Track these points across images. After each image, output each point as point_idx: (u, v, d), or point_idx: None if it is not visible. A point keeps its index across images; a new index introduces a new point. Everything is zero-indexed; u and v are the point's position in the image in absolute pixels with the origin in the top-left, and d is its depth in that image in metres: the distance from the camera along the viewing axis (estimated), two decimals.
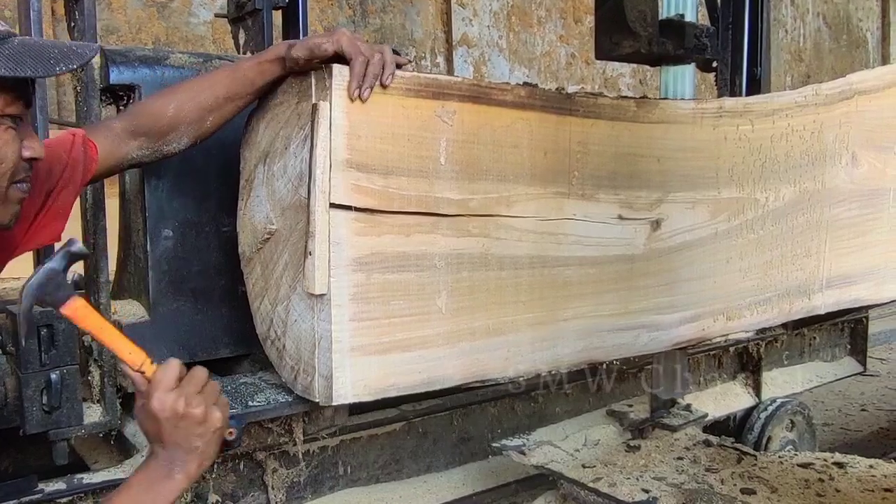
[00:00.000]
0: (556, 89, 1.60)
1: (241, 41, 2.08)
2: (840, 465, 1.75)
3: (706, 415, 2.19)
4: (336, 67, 1.31)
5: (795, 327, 3.18)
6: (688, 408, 2.13)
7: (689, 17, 2.12)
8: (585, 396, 2.57)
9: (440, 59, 6.37)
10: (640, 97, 1.75)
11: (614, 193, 1.71)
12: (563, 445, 1.94)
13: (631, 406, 2.21)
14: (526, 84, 1.54)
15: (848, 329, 3.37)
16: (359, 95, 1.31)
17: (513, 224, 1.55)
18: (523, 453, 1.86)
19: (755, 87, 2.54)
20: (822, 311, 2.31)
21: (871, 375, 3.68)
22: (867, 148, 2.35)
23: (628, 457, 1.88)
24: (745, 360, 2.93)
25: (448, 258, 1.47)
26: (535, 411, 2.50)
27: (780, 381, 3.11)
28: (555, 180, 1.60)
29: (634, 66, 7.13)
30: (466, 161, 1.47)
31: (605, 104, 1.67)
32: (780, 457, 1.84)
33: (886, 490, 1.57)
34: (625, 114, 1.71)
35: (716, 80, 2.62)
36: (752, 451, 1.89)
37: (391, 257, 1.40)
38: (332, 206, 1.32)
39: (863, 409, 4.04)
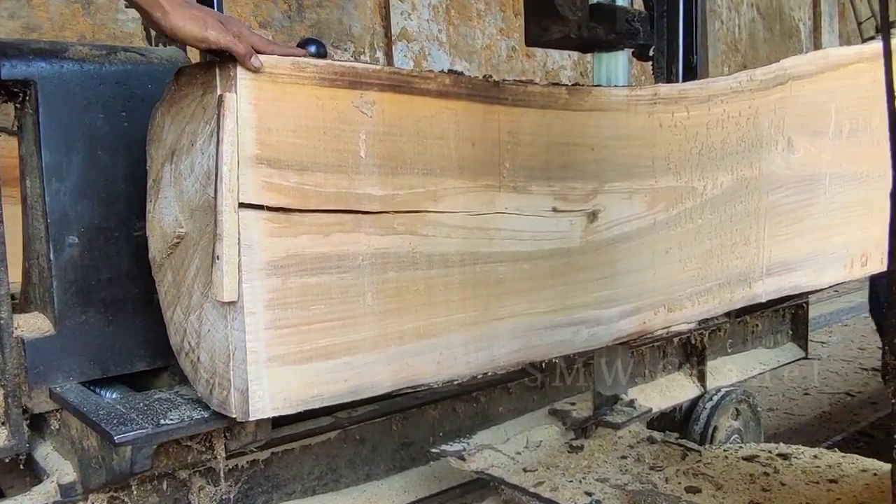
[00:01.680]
0: (483, 77, 1.52)
1: (153, 34, 1.96)
2: (784, 456, 1.73)
3: (650, 410, 2.14)
4: None
5: (738, 315, 3.18)
6: (631, 403, 2.09)
7: (620, 2, 2.06)
8: (529, 395, 2.51)
9: (380, 55, 6.26)
10: (572, 84, 1.68)
11: (548, 185, 1.64)
12: (504, 448, 1.87)
13: (574, 404, 2.15)
14: (451, 72, 1.46)
15: (789, 315, 3.39)
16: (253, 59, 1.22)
17: (441, 220, 1.47)
18: (463, 458, 1.78)
19: (691, 75, 2.50)
20: (763, 300, 2.29)
21: (813, 359, 3.73)
22: (802, 133, 2.34)
23: (571, 458, 1.83)
24: (690, 351, 2.91)
25: (373, 258, 1.39)
26: (478, 412, 2.43)
27: (725, 370, 3.10)
28: (484, 173, 1.53)
29: (575, 58, 7.13)
30: (389, 154, 1.39)
31: (535, 92, 1.60)
32: (724, 450, 1.81)
33: (831, 481, 1.55)
34: (556, 102, 1.64)
35: (653, 69, 2.58)
36: (696, 447, 1.86)
37: (310, 259, 1.31)
38: (242, 205, 1.22)
39: (806, 393, 4.09)
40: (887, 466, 1.59)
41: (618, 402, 2.09)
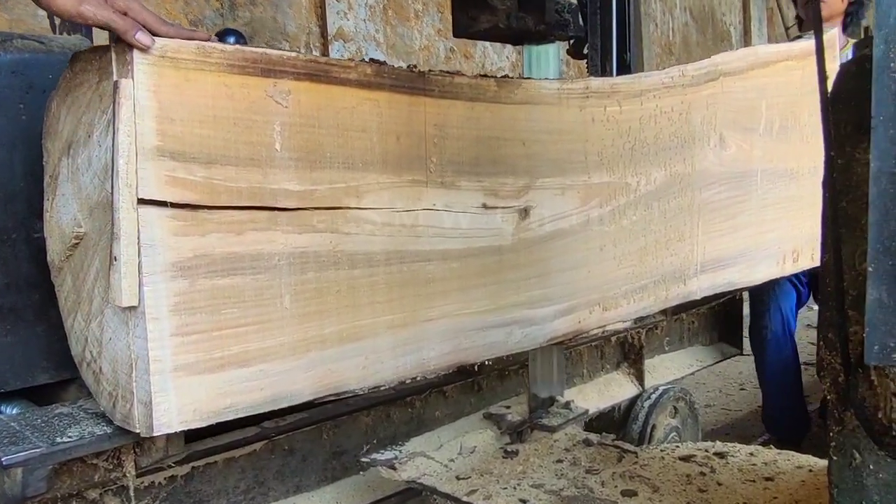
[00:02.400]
0: (408, 67, 1.46)
1: (57, 21, 1.83)
2: (721, 454, 1.71)
3: (586, 411, 2.10)
4: None
5: (674, 313, 3.19)
6: (567, 405, 2.04)
7: None
8: (466, 398, 2.45)
9: (316, 55, 6.14)
10: (502, 76, 1.63)
11: (477, 180, 1.58)
12: (437, 456, 1.80)
13: (508, 407, 2.08)
14: (373, 61, 1.39)
15: (723, 312, 3.42)
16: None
17: (364, 216, 1.40)
18: (394, 467, 1.71)
19: (625, 72, 2.49)
20: (698, 297, 2.28)
21: (748, 355, 3.78)
22: (734, 129, 2.34)
23: (506, 464, 1.76)
24: (627, 350, 2.90)
25: (290, 257, 1.30)
26: (413, 417, 2.35)
27: (662, 368, 3.10)
28: (410, 167, 1.46)
29: (514, 59, 7.12)
30: (307, 147, 1.30)
31: (462, 83, 1.54)
32: (661, 450, 1.78)
33: (767, 479, 1.54)
34: (485, 94, 1.59)
35: (587, 67, 2.56)
36: (632, 448, 1.82)
37: (220, 259, 1.22)
38: (142, 201, 1.12)
39: (741, 389, 4.14)
40: (822, 463, 1.59)
41: (554, 403, 2.04)
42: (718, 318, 3.42)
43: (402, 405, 2.29)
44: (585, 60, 2.59)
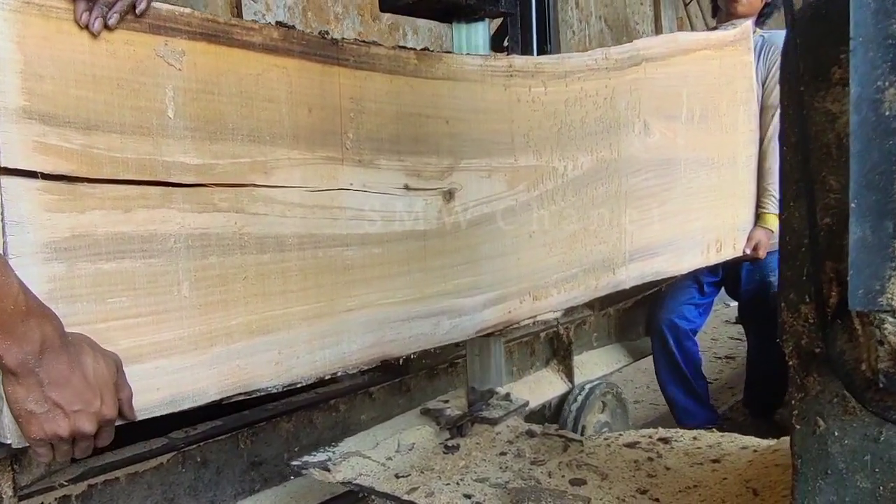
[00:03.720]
0: (319, 33, 1.33)
1: None
2: (665, 440, 1.66)
3: (527, 403, 2.04)
4: None
5: (602, 308, 3.16)
6: (507, 397, 1.96)
7: None
8: (394, 399, 2.33)
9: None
10: (421, 49, 1.53)
11: (398, 159, 1.47)
12: (373, 455, 1.69)
13: (447, 402, 1.99)
14: (280, 24, 1.26)
15: (648, 307, 3.41)
16: (88, 23, 0.99)
17: (273, 196, 1.26)
18: (328, 469, 1.58)
19: None
20: (627, 286, 2.23)
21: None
22: (657, 117, 2.31)
23: (447, 459, 1.67)
24: (557, 346, 2.84)
25: (189, 240, 1.16)
26: (338, 421, 2.21)
27: (591, 364, 3.07)
28: (324, 143, 1.33)
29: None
30: (205, 116, 1.16)
31: (380, 54, 1.43)
32: (605, 439, 1.72)
33: (714, 461, 1.50)
34: (404, 67, 1.48)
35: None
36: (577, 437, 1.77)
37: (105, 240, 1.06)
38: (5, 171, 0.96)
39: None
40: (766, 443, 1.58)
41: (493, 396, 1.96)
42: (644, 314, 3.41)
43: (326, 409, 2.15)
44: (506, 52, 2.53)
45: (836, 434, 0.79)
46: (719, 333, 5.15)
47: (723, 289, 3.24)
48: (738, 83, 2.70)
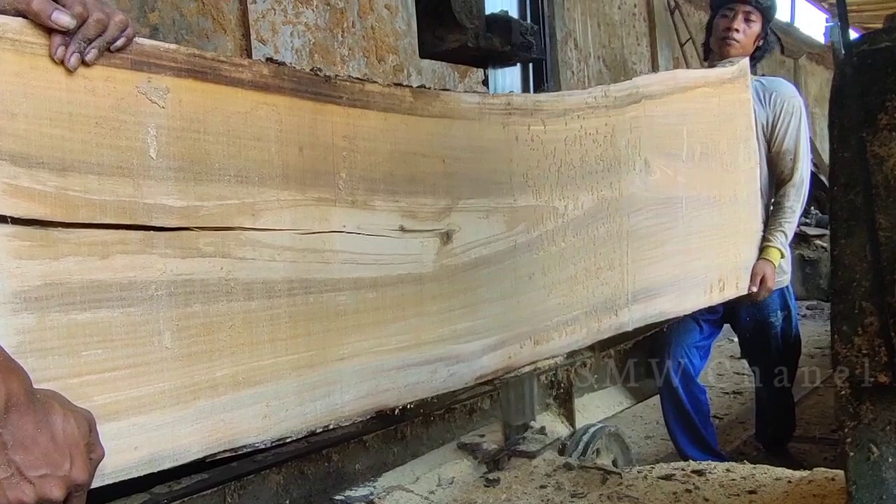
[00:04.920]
0: (311, 70, 1.28)
1: None
2: (699, 472, 1.69)
3: (560, 437, 2.08)
4: None
5: (602, 349, 3.09)
6: (542, 430, 2.00)
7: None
8: (388, 448, 2.23)
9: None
10: (418, 86, 1.48)
11: (393, 200, 1.41)
12: (415, 489, 1.71)
13: (483, 436, 2.04)
14: (270, 60, 1.21)
15: (648, 346, 3.34)
16: (64, 59, 0.94)
17: (262, 239, 1.20)
18: (372, 503, 1.55)
19: None
20: (630, 328, 2.16)
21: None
22: (658, 155, 2.27)
23: (489, 492, 1.70)
24: (557, 389, 2.75)
25: (171, 287, 1.09)
26: (331, 472, 2.12)
27: (592, 407, 2.98)
28: (316, 183, 1.27)
29: None
30: (190, 156, 1.10)
31: (374, 91, 1.38)
32: (639, 472, 1.76)
33: (750, 492, 1.51)
34: (400, 105, 1.43)
35: None
36: (615, 470, 1.78)
37: (80, 289, 0.99)
38: None
39: None
40: (799, 474, 1.60)
41: (528, 429, 2.00)
42: (646, 356, 3.33)
43: (317, 459, 2.06)
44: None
45: (891, 460, 0.81)
46: (724, 369, 5.07)
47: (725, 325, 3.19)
48: (737, 120, 2.67)
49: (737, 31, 2.89)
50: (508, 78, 2.08)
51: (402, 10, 6.86)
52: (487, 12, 1.97)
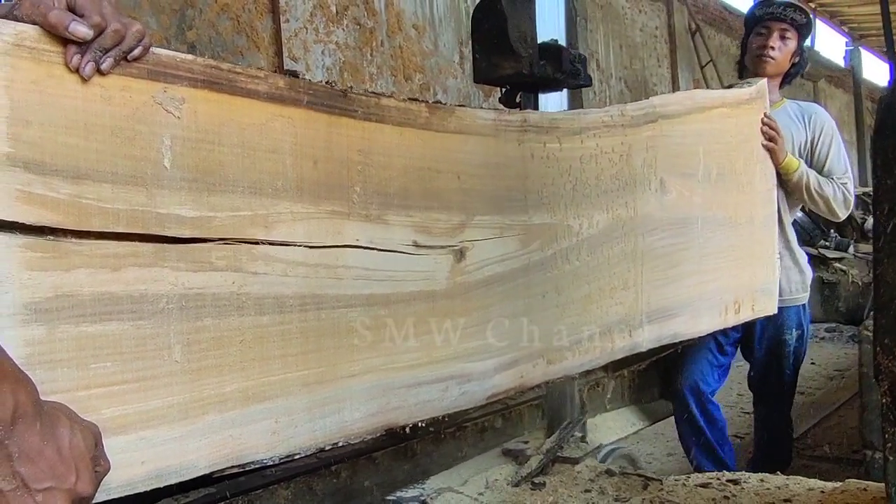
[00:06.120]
0: (327, 83, 1.28)
1: None
2: (734, 481, 1.77)
3: (601, 445, 2.21)
4: None
5: (616, 369, 3.05)
6: (583, 438, 2.11)
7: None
8: (398, 465, 2.21)
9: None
10: (434, 101, 1.47)
11: (407, 215, 1.40)
12: (465, 490, 1.80)
13: (527, 442, 2.17)
14: (287, 72, 1.21)
15: (664, 368, 3.30)
16: (79, 67, 0.94)
17: (274, 253, 1.18)
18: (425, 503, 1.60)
19: None
20: (644, 348, 2.13)
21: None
22: (674, 174, 2.25)
23: (536, 495, 1.79)
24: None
25: (183, 300, 1.08)
26: (339, 488, 2.10)
27: (605, 428, 2.95)
28: (330, 196, 1.26)
29: None
30: (204, 167, 1.10)
31: (390, 106, 1.37)
32: (676, 479, 1.84)
33: (786, 501, 1.56)
34: (415, 120, 1.42)
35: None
36: (657, 476, 1.84)
37: (90, 301, 0.98)
38: None
39: None
40: (832, 485, 1.63)
41: (570, 437, 2.10)
42: (659, 376, 3.30)
43: (327, 475, 2.04)
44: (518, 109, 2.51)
45: None
46: (745, 388, 5.00)
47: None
48: (755, 141, 2.64)
49: (772, 48, 2.88)
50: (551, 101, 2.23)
51: (430, 30, 6.93)
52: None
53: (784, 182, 2.79)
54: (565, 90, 2.49)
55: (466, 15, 6.93)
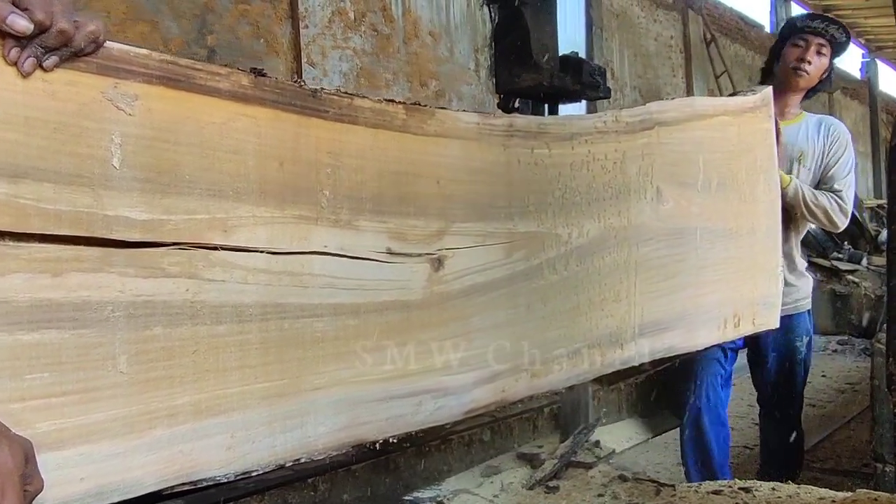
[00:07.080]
0: (295, 81, 1.22)
1: None
2: (746, 489, 1.77)
3: (613, 451, 2.25)
4: None
5: (612, 382, 2.98)
6: (597, 444, 2.15)
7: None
8: (378, 478, 2.15)
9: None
10: (412, 103, 1.41)
11: (381, 221, 1.34)
12: (481, 492, 1.84)
13: (541, 447, 2.23)
14: (252, 70, 1.15)
15: (660, 380, 3.22)
16: (17, 62, 0.89)
17: (234, 259, 1.12)
18: None
19: None
20: (636, 362, 2.06)
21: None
22: (671, 183, 2.17)
23: (549, 498, 1.83)
24: (562, 422, 2.65)
25: (131, 308, 1.02)
26: (316, 502, 2.04)
27: (601, 442, 2.87)
28: (296, 200, 1.20)
29: None
30: (157, 166, 1.04)
31: (363, 107, 1.31)
32: (688, 486, 1.85)
33: None
34: (391, 122, 1.36)
35: None
36: (669, 483, 1.84)
37: (27, 308, 0.92)
38: None
39: None
40: (842, 495, 1.63)
41: (584, 443, 2.14)
42: (657, 388, 3.22)
43: (302, 487, 1.98)
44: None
45: None
46: (755, 400, 4.93)
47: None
48: (757, 151, 2.57)
49: (808, 62, 2.85)
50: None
51: (446, 37, 6.92)
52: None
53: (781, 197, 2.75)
54: (584, 101, 2.61)
55: (482, 23, 6.89)
